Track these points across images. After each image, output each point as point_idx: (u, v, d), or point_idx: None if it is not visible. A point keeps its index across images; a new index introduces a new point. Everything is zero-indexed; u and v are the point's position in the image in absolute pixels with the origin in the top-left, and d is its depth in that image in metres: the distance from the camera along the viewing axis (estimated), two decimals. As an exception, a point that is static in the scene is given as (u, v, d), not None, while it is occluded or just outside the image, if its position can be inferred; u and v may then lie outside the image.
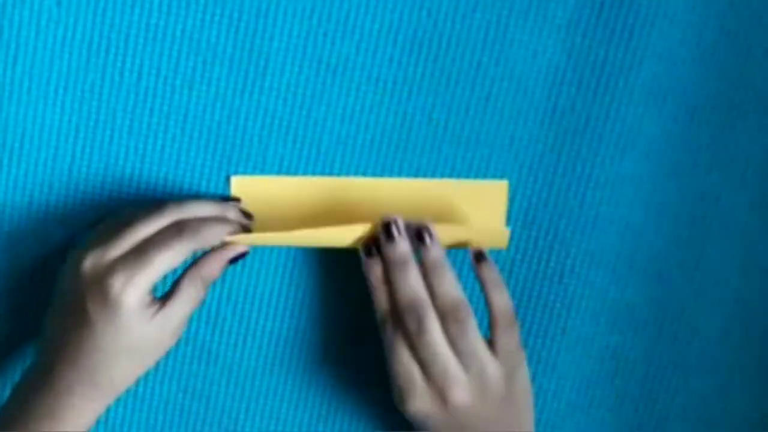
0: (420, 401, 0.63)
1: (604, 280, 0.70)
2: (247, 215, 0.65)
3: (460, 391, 0.62)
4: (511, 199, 0.68)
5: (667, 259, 0.70)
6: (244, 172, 0.66)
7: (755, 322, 0.71)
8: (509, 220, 0.68)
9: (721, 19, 0.66)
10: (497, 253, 0.68)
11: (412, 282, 0.63)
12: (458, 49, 0.65)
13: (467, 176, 0.67)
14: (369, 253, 0.64)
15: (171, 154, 0.65)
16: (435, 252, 0.64)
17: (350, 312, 0.69)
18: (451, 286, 0.63)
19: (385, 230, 0.64)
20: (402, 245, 0.63)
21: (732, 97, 0.67)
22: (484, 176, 0.67)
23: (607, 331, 0.70)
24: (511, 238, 0.68)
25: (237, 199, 0.66)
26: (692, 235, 0.69)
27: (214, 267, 0.63)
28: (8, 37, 0.62)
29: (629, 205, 0.68)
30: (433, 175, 0.67)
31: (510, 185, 0.68)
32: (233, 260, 0.64)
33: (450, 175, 0.67)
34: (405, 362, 0.63)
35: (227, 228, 0.63)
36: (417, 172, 0.67)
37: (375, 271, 0.64)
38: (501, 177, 0.67)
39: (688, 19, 0.65)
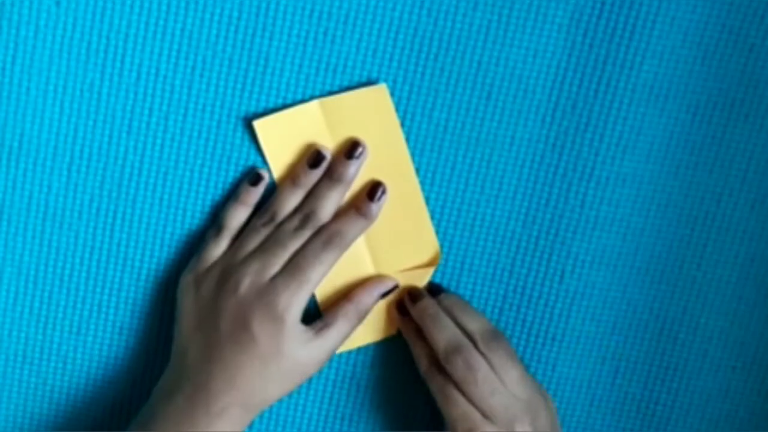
0: None
1: (605, 280, 0.70)
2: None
3: (523, 417, 0.63)
4: (512, 199, 0.68)
5: (668, 259, 0.70)
6: (244, 172, 0.66)
7: (755, 322, 0.71)
8: (510, 221, 0.68)
9: (723, 19, 0.65)
10: (498, 253, 0.68)
11: (446, 328, 0.64)
12: (458, 49, 0.65)
13: (468, 175, 0.67)
14: (403, 312, 0.67)
15: (170, 154, 0.65)
16: (453, 296, 0.67)
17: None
18: (480, 319, 0.65)
19: (409, 295, 0.66)
20: (425, 300, 0.66)
21: (733, 97, 0.67)
22: (485, 175, 0.67)
23: (608, 331, 0.70)
24: (512, 238, 0.68)
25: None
26: (693, 235, 0.69)
27: (367, 301, 0.66)
28: (7, 36, 0.62)
29: (630, 205, 0.68)
30: (434, 175, 0.67)
31: (510, 185, 0.67)
32: (385, 294, 0.67)
33: (450, 175, 0.67)
34: (463, 405, 0.63)
35: (364, 222, 0.65)
36: (417, 173, 0.67)
37: (411, 328, 0.66)
38: (501, 177, 0.67)
39: (689, 19, 0.65)
